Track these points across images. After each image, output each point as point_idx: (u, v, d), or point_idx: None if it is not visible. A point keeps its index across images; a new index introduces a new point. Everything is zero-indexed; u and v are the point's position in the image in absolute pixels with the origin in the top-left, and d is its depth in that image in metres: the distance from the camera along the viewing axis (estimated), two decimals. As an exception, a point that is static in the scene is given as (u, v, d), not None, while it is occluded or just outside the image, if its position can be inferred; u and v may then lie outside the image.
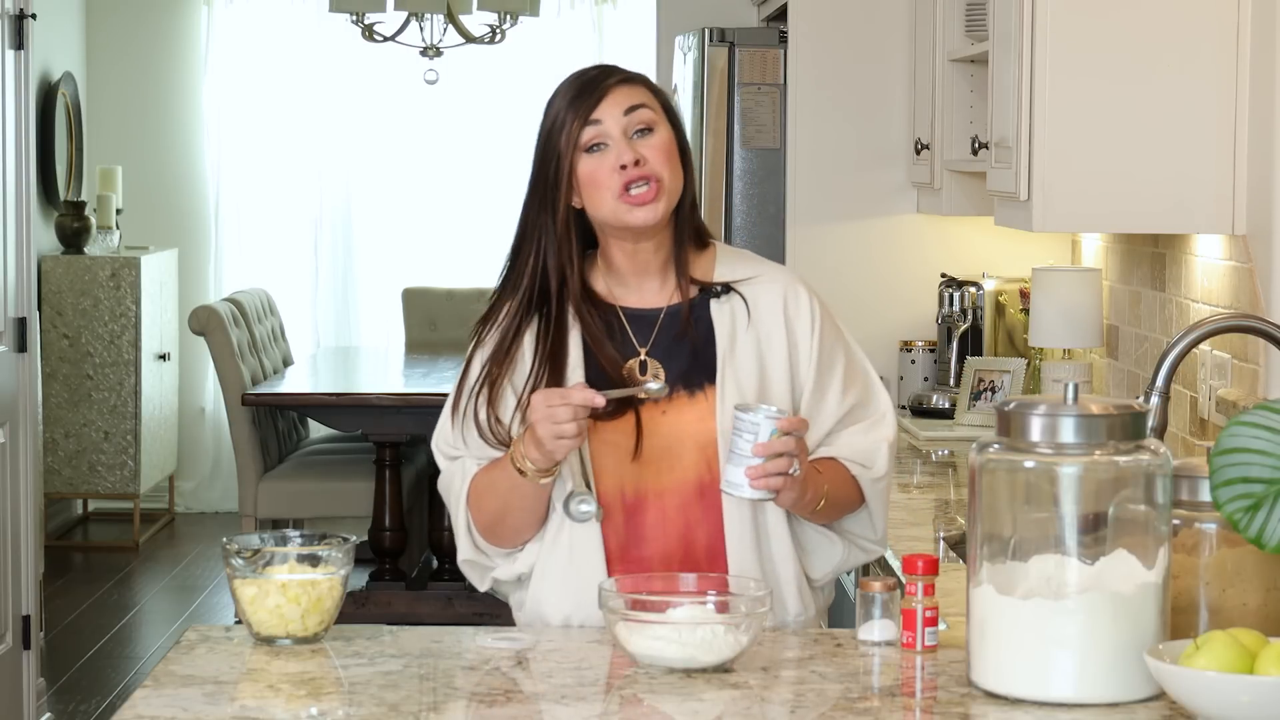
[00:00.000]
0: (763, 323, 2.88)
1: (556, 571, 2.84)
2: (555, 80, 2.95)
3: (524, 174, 2.95)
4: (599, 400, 2.67)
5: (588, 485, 2.76)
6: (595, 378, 2.82)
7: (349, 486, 7.35)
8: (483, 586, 2.93)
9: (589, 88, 2.83)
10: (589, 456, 2.80)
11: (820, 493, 2.77)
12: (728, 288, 2.89)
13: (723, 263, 2.93)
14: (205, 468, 9.79)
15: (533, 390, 2.79)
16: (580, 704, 2.43)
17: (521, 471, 2.75)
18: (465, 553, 2.89)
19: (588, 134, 2.81)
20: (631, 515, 2.83)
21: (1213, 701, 2.20)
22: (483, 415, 2.84)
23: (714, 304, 2.89)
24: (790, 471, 2.67)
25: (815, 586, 2.93)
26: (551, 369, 2.83)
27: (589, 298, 2.87)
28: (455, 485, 2.88)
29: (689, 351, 2.86)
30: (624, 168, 2.79)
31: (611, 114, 2.81)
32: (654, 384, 2.77)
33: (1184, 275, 4.02)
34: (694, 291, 2.89)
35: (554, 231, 2.84)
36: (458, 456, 2.88)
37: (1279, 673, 2.19)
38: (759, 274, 2.91)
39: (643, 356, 2.87)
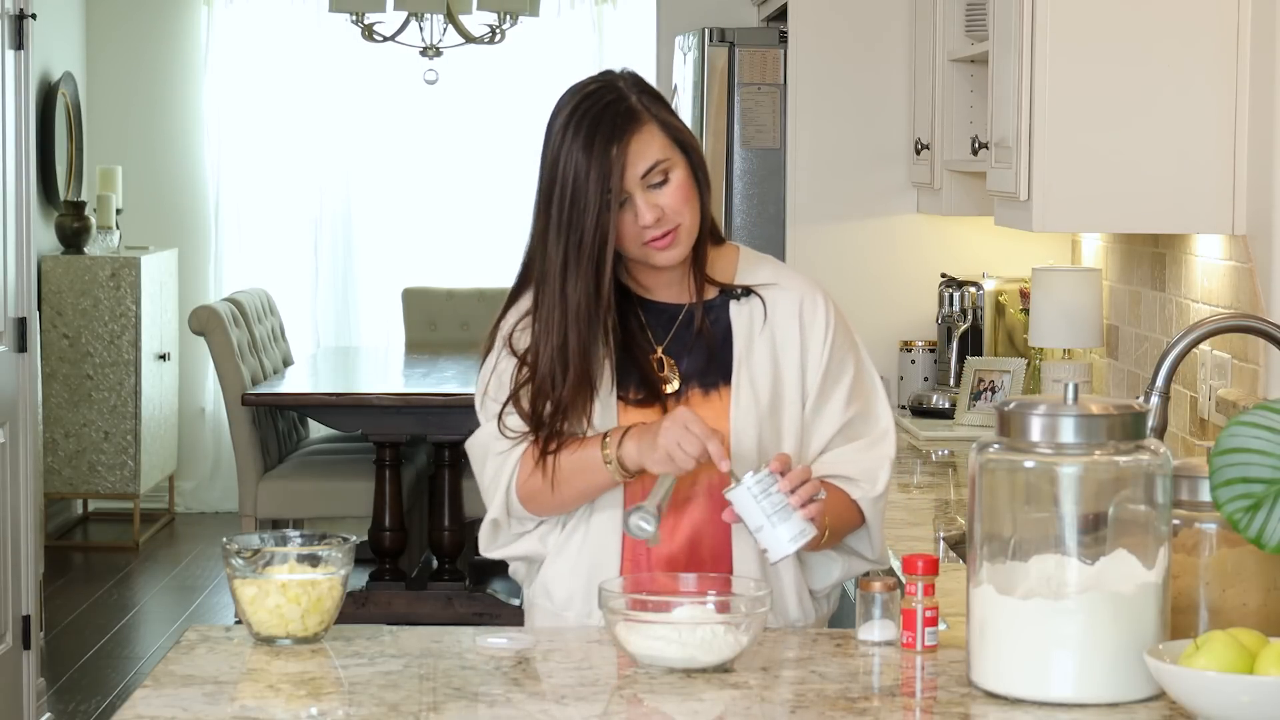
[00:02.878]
0: (779, 327, 2.89)
1: (571, 555, 2.88)
2: (556, 80, 2.95)
3: (524, 173, 2.94)
4: (724, 466, 2.71)
5: (659, 509, 2.75)
6: (623, 372, 2.85)
7: (349, 486, 7.35)
8: (489, 553, 2.94)
9: (607, 143, 2.78)
10: (672, 486, 2.77)
11: (823, 526, 2.77)
12: (748, 290, 2.90)
13: (745, 266, 2.94)
14: (205, 468, 9.79)
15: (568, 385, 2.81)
16: (580, 704, 2.43)
17: (607, 461, 2.77)
18: (495, 511, 2.90)
19: (610, 193, 2.78)
20: None
21: (1213, 701, 2.20)
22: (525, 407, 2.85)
23: (733, 305, 2.90)
24: (818, 496, 2.70)
25: (817, 596, 2.94)
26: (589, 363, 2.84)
27: (616, 288, 2.87)
28: (500, 443, 2.88)
29: (705, 351, 2.87)
30: (645, 226, 2.79)
31: (629, 175, 2.79)
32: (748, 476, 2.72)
33: (1184, 275, 4.02)
34: (714, 292, 2.90)
35: (593, 299, 2.80)
36: (503, 438, 2.89)
37: (1279, 673, 2.19)
38: (780, 280, 2.92)
39: (659, 354, 2.88)
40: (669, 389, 2.87)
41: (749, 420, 2.83)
